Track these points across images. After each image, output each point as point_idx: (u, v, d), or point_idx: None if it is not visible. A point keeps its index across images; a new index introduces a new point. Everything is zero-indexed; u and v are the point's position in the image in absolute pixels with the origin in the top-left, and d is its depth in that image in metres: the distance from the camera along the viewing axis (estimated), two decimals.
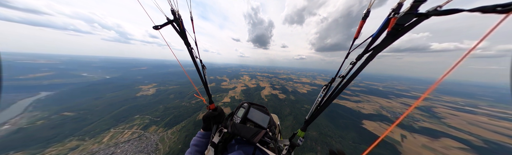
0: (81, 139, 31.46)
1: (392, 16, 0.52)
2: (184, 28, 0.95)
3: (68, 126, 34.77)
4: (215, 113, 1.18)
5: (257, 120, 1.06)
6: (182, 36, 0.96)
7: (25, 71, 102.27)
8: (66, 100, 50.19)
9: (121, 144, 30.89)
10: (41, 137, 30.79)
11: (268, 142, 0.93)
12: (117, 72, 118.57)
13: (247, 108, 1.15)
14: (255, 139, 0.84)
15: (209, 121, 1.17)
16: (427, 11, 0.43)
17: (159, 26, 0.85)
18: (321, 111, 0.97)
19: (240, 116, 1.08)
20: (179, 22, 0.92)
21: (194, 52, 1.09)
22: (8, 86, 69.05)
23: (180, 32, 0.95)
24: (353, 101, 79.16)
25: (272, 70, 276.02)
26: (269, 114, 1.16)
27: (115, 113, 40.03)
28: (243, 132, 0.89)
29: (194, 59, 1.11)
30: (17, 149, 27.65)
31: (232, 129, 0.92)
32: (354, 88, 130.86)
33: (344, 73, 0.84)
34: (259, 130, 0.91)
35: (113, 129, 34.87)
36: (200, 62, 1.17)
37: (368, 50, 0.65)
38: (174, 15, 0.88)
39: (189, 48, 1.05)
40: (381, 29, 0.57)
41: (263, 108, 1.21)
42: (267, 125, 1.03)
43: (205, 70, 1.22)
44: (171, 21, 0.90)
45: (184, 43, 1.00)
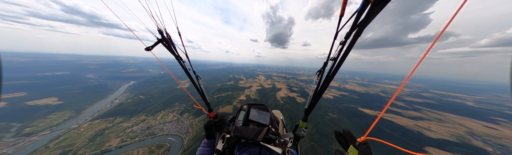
0: (146, 115, 46.01)
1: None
2: (173, 45, 0.97)
3: (141, 105, 51.86)
4: (215, 120, 1.18)
5: (258, 119, 1.07)
6: (171, 52, 0.99)
7: (124, 68, 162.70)
8: (141, 87, 74.71)
9: (167, 123, 42.14)
10: (129, 110, 48.31)
11: (273, 138, 0.93)
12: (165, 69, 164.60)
13: (247, 110, 1.16)
14: (259, 137, 0.84)
15: (211, 129, 1.16)
16: None
17: (150, 47, 0.86)
18: (318, 98, 0.96)
19: (242, 119, 1.11)
20: (167, 39, 0.95)
21: (185, 65, 1.10)
22: (118, 77, 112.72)
23: (169, 49, 0.97)
24: (408, 117, 58.66)
25: (290, 71, 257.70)
26: (269, 111, 1.16)
27: (164, 100, 54.61)
28: (245, 134, 0.88)
29: (187, 71, 1.12)
30: (120, 115, 45.50)
31: (234, 132, 0.91)
32: (411, 99, 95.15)
33: (335, 55, 0.79)
34: (261, 129, 0.91)
35: (163, 111, 48.08)
36: (194, 74, 1.19)
37: (356, 25, 0.60)
38: (161, 34, 0.91)
39: (180, 62, 1.07)
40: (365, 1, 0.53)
41: (263, 106, 1.22)
42: (269, 122, 1.04)
43: (199, 80, 1.24)
44: (160, 40, 0.93)
45: (175, 57, 1.03)
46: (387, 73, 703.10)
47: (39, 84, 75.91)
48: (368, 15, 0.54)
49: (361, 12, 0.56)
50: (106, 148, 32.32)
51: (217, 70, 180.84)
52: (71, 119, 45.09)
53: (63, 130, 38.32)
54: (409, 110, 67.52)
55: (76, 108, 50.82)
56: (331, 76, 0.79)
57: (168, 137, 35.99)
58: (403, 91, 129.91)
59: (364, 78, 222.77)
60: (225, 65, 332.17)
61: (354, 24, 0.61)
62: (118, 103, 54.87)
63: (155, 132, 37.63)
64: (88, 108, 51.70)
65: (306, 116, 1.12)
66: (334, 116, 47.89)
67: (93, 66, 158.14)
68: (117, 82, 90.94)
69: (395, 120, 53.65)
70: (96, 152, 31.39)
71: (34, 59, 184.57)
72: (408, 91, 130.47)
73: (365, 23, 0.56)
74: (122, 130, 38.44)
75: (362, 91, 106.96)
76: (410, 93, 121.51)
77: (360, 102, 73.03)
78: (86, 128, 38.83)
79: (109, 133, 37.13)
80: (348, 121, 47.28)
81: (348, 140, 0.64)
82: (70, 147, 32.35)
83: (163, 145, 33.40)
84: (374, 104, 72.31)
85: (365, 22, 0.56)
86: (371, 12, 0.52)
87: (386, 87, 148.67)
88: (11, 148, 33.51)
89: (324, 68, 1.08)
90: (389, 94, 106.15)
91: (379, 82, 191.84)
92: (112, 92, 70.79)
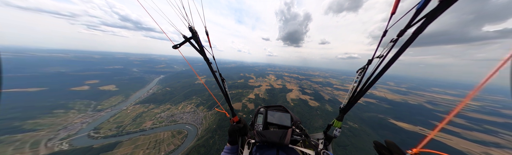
0: (170, 104, 54.62)
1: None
2: (202, 45, 0.92)
3: (167, 95, 61.82)
4: (240, 126, 1.14)
5: (279, 121, 1.06)
6: (201, 53, 0.94)
7: (157, 64, 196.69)
8: (167, 80, 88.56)
9: (185, 113, 48.78)
10: (159, 99, 58.74)
11: (297, 140, 0.89)
12: (188, 66, 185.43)
13: (265, 113, 1.17)
14: (286, 140, 0.81)
15: (235, 134, 1.12)
16: None
17: (178, 45, 0.84)
18: (358, 98, 0.89)
19: (261, 123, 1.11)
20: (197, 38, 0.89)
21: (213, 66, 1.06)
22: (152, 71, 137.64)
23: (198, 50, 0.92)
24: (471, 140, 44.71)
25: (304, 71, 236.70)
26: (289, 111, 1.15)
27: (184, 92, 62.71)
28: (270, 138, 0.85)
29: (214, 73, 1.08)
30: (152, 103, 56.43)
31: (258, 137, 0.88)
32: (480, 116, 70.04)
33: (384, 52, 0.72)
34: (285, 131, 0.87)
35: (183, 102, 55.70)
36: (220, 76, 1.13)
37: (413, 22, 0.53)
38: (192, 32, 0.84)
39: (208, 63, 1.02)
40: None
41: (280, 107, 1.20)
42: (291, 123, 1.03)
43: (225, 83, 1.19)
44: (189, 38, 0.87)
45: (204, 59, 0.98)
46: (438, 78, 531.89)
47: (105, 75, 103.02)
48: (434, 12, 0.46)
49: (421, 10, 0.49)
50: (143, 128, 41.16)
51: (229, 68, 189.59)
52: (123, 102, 59.38)
53: (118, 110, 51.26)
54: (475, 130, 50.15)
55: (125, 94, 66.26)
56: (377, 76, 0.71)
57: (186, 126, 41.84)
58: (466, 104, 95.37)
59: (401, 83, 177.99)
60: (237, 64, 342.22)
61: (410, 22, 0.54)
62: (152, 92, 67.50)
63: (177, 120, 44.48)
64: (132, 95, 66.39)
65: (342, 115, 1.05)
66: (354, 125, 41.55)
67: (137, 62, 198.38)
68: (152, 76, 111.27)
69: (449, 141, 41.78)
70: (136, 130, 40.52)
71: (103, 56, 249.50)
72: (476, 105, 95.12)
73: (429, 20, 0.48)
74: (153, 115, 47.55)
75: (397, 99, 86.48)
76: (480, 108, 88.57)
77: (393, 112, 59.65)
78: (131, 110, 50.40)
79: (145, 116, 46.83)
80: (373, 134, 39.95)
81: (394, 152, 0.58)
82: (121, 123, 43.18)
83: (182, 132, 39.26)
84: (414, 117, 57.55)
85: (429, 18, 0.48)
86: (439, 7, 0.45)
87: (435, 96, 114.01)
88: (91, 119, 48.16)
89: (368, 66, 0.99)
90: (441, 106, 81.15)
91: (425, 89, 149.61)
92: (148, 83, 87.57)
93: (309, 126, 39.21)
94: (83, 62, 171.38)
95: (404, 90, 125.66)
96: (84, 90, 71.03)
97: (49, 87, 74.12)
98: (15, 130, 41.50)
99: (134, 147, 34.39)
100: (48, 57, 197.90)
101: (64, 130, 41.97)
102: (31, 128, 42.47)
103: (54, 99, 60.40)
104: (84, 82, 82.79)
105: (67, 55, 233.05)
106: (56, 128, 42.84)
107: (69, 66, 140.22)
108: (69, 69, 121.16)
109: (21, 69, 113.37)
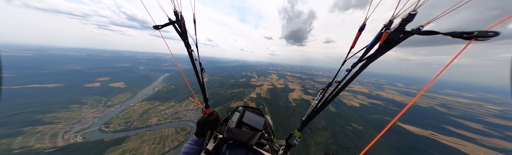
0: (174, 102, 56.30)
1: (384, 31, 0.62)
2: (185, 30, 0.94)
3: (171, 93, 63.68)
4: (211, 118, 1.14)
5: (252, 123, 1.08)
6: (182, 38, 0.95)
7: (162, 62, 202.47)
8: (172, 78, 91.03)
9: (189, 110, 50.12)
10: (163, 96, 60.76)
11: (264, 143, 0.97)
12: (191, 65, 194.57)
13: (242, 112, 1.16)
14: (252, 142, 0.85)
15: (204, 127, 1.12)
16: (412, 29, 0.52)
17: (159, 26, 0.84)
18: (317, 113, 1.03)
19: (235, 121, 1.11)
20: (181, 23, 0.90)
21: (194, 54, 1.05)
22: (158, 69, 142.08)
23: (181, 34, 0.93)
24: (490, 147, 42.02)
25: (307, 71, 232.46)
26: (264, 116, 1.16)
27: (188, 90, 64.11)
28: (239, 136, 0.89)
29: (193, 61, 1.08)
30: (158, 100, 58.58)
31: (227, 134, 0.91)
32: (500, 122, 65.19)
33: (340, 79, 0.89)
34: (254, 133, 0.92)
35: (186, 100, 57.11)
36: (200, 65, 1.14)
37: (362, 59, 0.72)
38: (177, 16, 0.87)
39: (189, 50, 1.02)
40: (374, 41, 0.67)
41: (258, 110, 1.23)
42: (263, 127, 1.06)
43: (204, 74, 1.19)
44: (173, 22, 0.88)
45: (184, 45, 0.99)
46: (453, 80, 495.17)
47: (114, 72, 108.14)
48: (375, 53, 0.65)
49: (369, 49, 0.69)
50: (148, 124, 43.03)
51: (232, 67, 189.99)
52: (130, 98, 62.24)
53: (126, 106, 53.90)
54: (495, 137, 46.23)
55: (133, 91, 69.28)
56: (333, 97, 0.87)
57: (189, 123, 43.04)
58: (486, 108, 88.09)
59: (411, 85, 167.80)
60: (239, 63, 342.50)
61: (361, 57, 0.73)
62: (157, 90, 69.88)
63: (180, 117, 45.87)
64: (139, 92, 69.27)
65: (302, 127, 1.16)
66: (359, 127, 40.17)
67: (144, 60, 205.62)
68: (157, 73, 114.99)
69: (464, 148, 38.90)
70: (143, 125, 42.46)
71: (112, 55, 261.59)
72: (497, 110, 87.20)
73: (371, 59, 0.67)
74: (159, 111, 49.38)
75: (406, 101, 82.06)
76: (501, 113, 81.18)
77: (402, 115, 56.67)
78: (138, 106, 52.73)
79: (151, 112, 48.81)
80: (380, 138, 38.44)
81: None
82: (128, 119, 45.44)
83: (185, 129, 40.52)
84: (424, 120, 54.43)
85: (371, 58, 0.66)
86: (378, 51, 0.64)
87: (449, 99, 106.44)
88: (101, 114, 51.21)
89: (328, 88, 1.15)
90: (456, 110, 75.75)
91: (437, 91, 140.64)
92: (154, 81, 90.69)
93: (312, 127, 38.51)
94: (94, 61, 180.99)
95: (414, 92, 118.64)
96: (96, 87, 75.35)
97: (66, 83, 79.56)
98: (37, 122, 45.40)
99: (141, 141, 36.22)
100: (64, 55, 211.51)
101: (78, 124, 45.17)
102: (50, 121, 46.18)
103: (70, 94, 64.85)
104: (96, 79, 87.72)
105: (81, 53, 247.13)
106: (71, 121, 46.21)
107: (83, 64, 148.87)
108: (83, 67, 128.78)
109: (41, 66, 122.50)
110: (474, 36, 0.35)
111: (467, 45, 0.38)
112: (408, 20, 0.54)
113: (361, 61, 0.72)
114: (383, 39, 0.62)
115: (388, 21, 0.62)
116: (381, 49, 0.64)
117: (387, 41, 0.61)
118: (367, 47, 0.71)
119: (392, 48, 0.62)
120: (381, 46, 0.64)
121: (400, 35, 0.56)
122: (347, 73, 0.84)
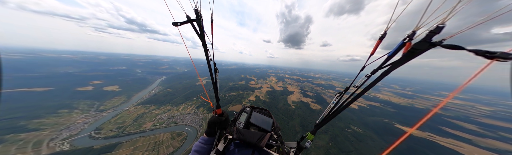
0: (171, 105, 54.83)
1: (407, 41, 0.65)
2: (203, 29, 0.94)
3: (168, 96, 62.31)
4: (222, 119, 1.15)
5: (260, 124, 1.08)
6: (200, 37, 0.94)
7: (160, 65, 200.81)
8: (169, 81, 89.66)
9: (186, 114, 48.72)
10: (160, 100, 59.20)
11: (273, 145, 0.97)
12: (189, 67, 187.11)
13: (250, 112, 1.17)
14: (262, 143, 0.86)
15: (214, 127, 1.13)
16: (436, 41, 0.53)
17: (179, 23, 0.84)
18: (332, 117, 1.02)
19: (243, 121, 1.12)
20: (200, 22, 0.89)
21: (209, 54, 1.06)
22: (155, 72, 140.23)
23: (199, 33, 0.93)
24: (485, 147, 43.11)
25: (305, 73, 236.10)
26: (272, 117, 1.16)
27: (185, 94, 63.05)
28: (248, 137, 0.89)
29: (208, 61, 1.07)
30: (153, 104, 56.91)
31: (237, 134, 0.92)
32: (493, 122, 67.84)
33: (358, 84, 0.91)
34: (264, 134, 0.93)
35: (183, 104, 55.87)
36: (214, 65, 1.14)
37: (383, 66, 0.73)
38: (197, 14, 0.86)
39: (205, 50, 1.03)
40: (396, 50, 0.70)
41: (266, 111, 1.21)
42: (271, 128, 1.06)
43: (217, 74, 1.19)
44: (192, 20, 0.87)
45: (202, 44, 0.98)
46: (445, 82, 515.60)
47: (110, 75, 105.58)
48: (399, 61, 0.67)
49: (390, 56, 0.72)
50: (143, 129, 41.21)
51: (231, 70, 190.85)
52: (125, 102, 60.13)
53: (119, 111, 51.84)
54: (489, 138, 47.12)
55: (128, 94, 67.26)
56: (350, 101, 0.87)
57: (186, 127, 41.58)
58: (478, 109, 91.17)
59: (406, 87, 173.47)
60: (238, 66, 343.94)
61: (382, 64, 0.75)
62: (153, 93, 68.22)
63: (177, 121, 44.37)
64: (135, 95, 67.28)
65: (315, 130, 1.16)
66: (358, 130, 40.17)
67: (141, 63, 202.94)
68: (154, 76, 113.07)
69: (461, 149, 39.25)
70: (136, 131, 40.58)
71: (108, 57, 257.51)
72: (488, 111, 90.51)
73: (394, 66, 0.67)
74: (154, 116, 47.70)
75: (402, 103, 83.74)
76: (492, 113, 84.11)
77: (398, 117, 57.55)
78: (132, 111, 50.84)
79: (146, 117, 47.04)
80: (378, 139, 38.37)
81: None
82: (122, 124, 43.45)
83: (181, 134, 38.98)
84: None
85: (394, 65, 0.67)
86: (402, 59, 0.66)
87: (443, 100, 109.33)
88: (93, 119, 48.78)
89: (345, 92, 1.14)
90: (451, 111, 77.62)
91: (431, 93, 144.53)
92: (150, 84, 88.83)
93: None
94: (89, 63, 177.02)
95: (410, 93, 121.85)
96: (89, 90, 72.73)
97: (56, 86, 76.41)
98: (20, 129, 42.42)
99: (134, 148, 34.28)
100: (57, 57, 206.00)
101: (67, 130, 42.57)
102: (36, 128, 43.31)
103: (60, 98, 61.99)
104: (89, 82, 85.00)
105: (75, 56, 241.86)
106: (59, 127, 43.54)
107: (77, 66, 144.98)
108: (76, 69, 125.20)
109: (32, 69, 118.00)
110: (496, 56, 0.37)
111: (488, 65, 0.38)
112: (435, 32, 0.55)
113: (382, 68, 0.73)
114: (407, 48, 0.64)
115: (412, 31, 0.65)
116: (404, 58, 0.66)
117: (412, 51, 0.62)
118: (389, 55, 0.73)
119: (415, 58, 0.64)
120: (405, 55, 0.65)
121: (426, 46, 0.58)
122: (366, 79, 0.85)
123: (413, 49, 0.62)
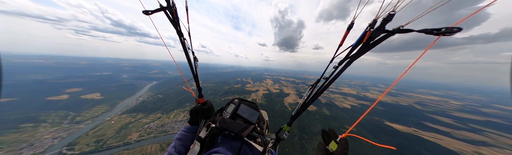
0: (161, 113, 50.94)
1: (368, 30, 0.64)
2: (177, 17, 0.89)
3: (158, 103, 58.09)
4: (204, 107, 1.12)
5: (246, 116, 1.11)
6: (174, 25, 0.89)
7: (150, 69, 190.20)
8: (160, 87, 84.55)
9: (178, 122, 45.34)
10: (149, 107, 54.79)
11: (255, 136, 0.99)
12: (184, 71, 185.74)
13: (238, 104, 1.19)
14: (243, 133, 0.87)
15: (197, 115, 1.12)
16: (393, 29, 0.54)
17: (150, 11, 0.79)
18: (305, 108, 1.07)
19: (230, 112, 1.13)
20: (173, 10, 0.85)
21: (186, 43, 1.00)
22: (145, 77, 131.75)
23: (172, 21, 0.88)
24: (462, 139, 46.72)
25: (300, 75, 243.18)
26: (259, 110, 1.21)
27: (177, 100, 59.69)
28: (231, 127, 0.91)
29: (186, 50, 1.03)
30: (141, 112, 52.16)
31: (220, 124, 0.94)
32: (463, 115, 75.28)
33: (327, 75, 0.93)
34: (247, 125, 0.94)
35: (175, 110, 52.38)
36: (193, 54, 1.09)
37: (348, 57, 0.76)
38: (168, 2, 0.83)
39: (181, 39, 0.97)
40: (359, 40, 0.68)
41: (253, 104, 1.24)
42: (256, 121, 1.09)
43: (197, 63, 1.14)
44: (164, 8, 0.83)
45: (177, 32, 0.92)
46: (423, 80, 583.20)
47: (90, 82, 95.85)
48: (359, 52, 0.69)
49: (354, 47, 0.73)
50: (127, 141, 36.83)
51: (226, 73, 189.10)
52: (107, 112, 54.11)
53: (100, 121, 46.18)
54: (463, 130, 52.59)
55: (111, 102, 61.02)
56: (319, 93, 0.93)
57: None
58: (451, 104, 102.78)
59: (387, 85, 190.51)
60: (234, 69, 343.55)
61: (347, 55, 0.77)
62: (141, 100, 63.13)
63: (167, 130, 40.86)
64: (119, 103, 61.30)
65: (291, 121, 1.19)
66: (353, 129, 41.62)
67: (128, 68, 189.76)
68: (143, 82, 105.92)
69: (442, 142, 42.23)
70: (119, 143, 36.07)
71: (90, 62, 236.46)
72: (458, 105, 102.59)
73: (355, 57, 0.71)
74: (141, 125, 43.44)
75: (389, 101, 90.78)
76: (462, 107, 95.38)
77: (387, 114, 61.75)
78: (115, 120, 45.73)
79: (131, 127, 42.53)
80: (373, 138, 39.80)
81: (331, 137, 0.72)
82: (102, 136, 38.40)
83: None
84: (407, 118, 59.70)
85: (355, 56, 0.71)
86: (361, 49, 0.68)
87: (422, 97, 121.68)
88: (65, 133, 42.23)
89: (316, 84, 1.17)
90: (429, 106, 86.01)
91: (412, 90, 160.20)
92: (138, 90, 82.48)
93: (308, 132, 38.42)
94: (65, 69, 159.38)
95: (394, 92, 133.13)
96: (63, 99, 64.30)
97: (20, 97, 66.06)
98: None
99: None
100: (25, 63, 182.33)
101: (29, 148, 35.79)
102: None
103: (24, 110, 53.23)
104: (63, 91, 75.56)
105: (48, 61, 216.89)
106: (19, 146, 36.48)
107: (49, 73, 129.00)
108: (48, 76, 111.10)
109: None
110: (442, 32, 0.41)
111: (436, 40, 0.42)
112: (388, 19, 0.56)
113: (347, 59, 0.75)
114: (366, 38, 0.64)
115: (373, 20, 0.64)
116: (363, 48, 0.67)
117: (369, 40, 0.63)
118: (353, 45, 0.74)
119: (374, 47, 0.64)
120: (364, 45, 0.66)
121: (380, 34, 0.58)
122: (334, 70, 0.88)
123: (370, 38, 0.62)
